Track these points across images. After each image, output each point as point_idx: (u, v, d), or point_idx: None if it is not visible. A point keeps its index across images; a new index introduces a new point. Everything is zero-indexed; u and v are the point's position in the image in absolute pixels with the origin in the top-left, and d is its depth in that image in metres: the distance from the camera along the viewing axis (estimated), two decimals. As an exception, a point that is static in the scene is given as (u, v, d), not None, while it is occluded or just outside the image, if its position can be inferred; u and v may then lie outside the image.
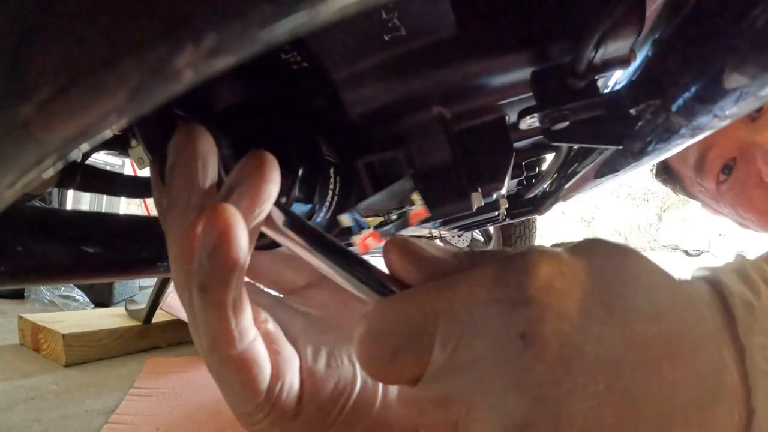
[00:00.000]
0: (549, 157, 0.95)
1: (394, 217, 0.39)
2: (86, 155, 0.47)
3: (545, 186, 1.12)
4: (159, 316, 1.63)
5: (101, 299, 2.26)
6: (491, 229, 2.83)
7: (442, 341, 0.23)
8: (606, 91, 0.49)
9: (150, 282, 2.10)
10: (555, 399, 0.21)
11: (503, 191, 0.51)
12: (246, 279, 0.31)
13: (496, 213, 1.01)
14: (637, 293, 0.24)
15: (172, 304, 1.66)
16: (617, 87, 0.49)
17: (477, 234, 3.01)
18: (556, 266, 0.24)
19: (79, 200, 3.52)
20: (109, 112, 0.12)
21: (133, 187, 0.51)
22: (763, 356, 0.23)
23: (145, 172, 0.34)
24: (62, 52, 0.11)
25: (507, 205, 0.82)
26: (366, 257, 0.27)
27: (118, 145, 0.49)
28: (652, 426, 0.22)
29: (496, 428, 0.22)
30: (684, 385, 0.22)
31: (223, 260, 0.23)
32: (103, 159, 2.83)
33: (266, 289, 0.36)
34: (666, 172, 1.08)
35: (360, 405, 0.32)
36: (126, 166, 3.51)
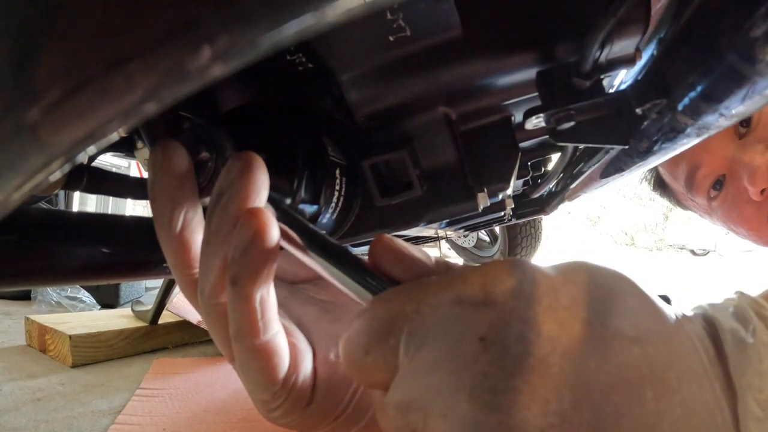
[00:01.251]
0: (555, 157, 0.95)
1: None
2: (92, 157, 0.47)
3: (551, 186, 1.12)
4: (165, 317, 1.63)
5: (108, 300, 2.27)
6: (497, 229, 2.82)
7: (407, 342, 0.23)
8: (611, 90, 0.49)
9: (156, 283, 2.10)
10: (509, 410, 0.20)
11: (509, 191, 0.50)
12: None
13: (502, 213, 1.01)
14: (620, 314, 0.22)
15: (179, 306, 1.67)
16: (623, 86, 0.49)
17: (483, 234, 3.00)
18: (529, 273, 0.23)
19: (85, 202, 3.53)
20: (116, 115, 0.12)
21: (140, 189, 0.52)
22: (755, 399, 0.22)
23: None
24: (69, 55, 0.11)
25: (513, 206, 0.82)
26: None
27: (125, 146, 0.49)
28: None
29: None
30: (668, 417, 0.20)
31: (254, 257, 0.24)
32: (109, 161, 2.84)
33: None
34: (661, 187, 1.10)
35: (370, 393, 0.32)
36: (132, 167, 3.53)
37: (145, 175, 0.30)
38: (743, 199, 0.87)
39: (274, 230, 0.25)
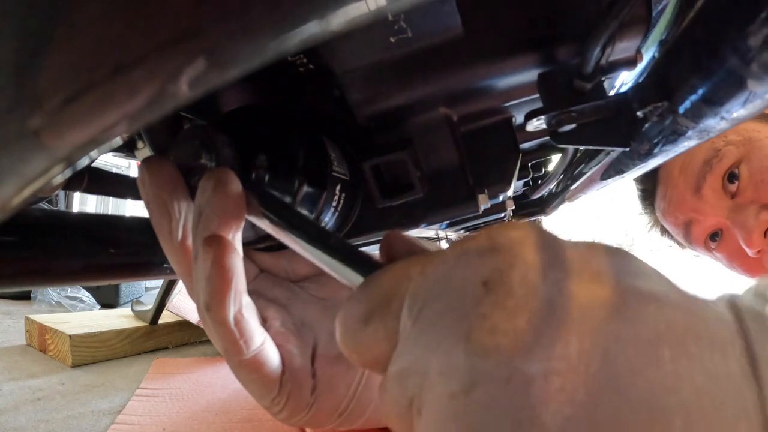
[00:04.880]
0: (555, 158, 0.95)
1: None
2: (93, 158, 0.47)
3: (551, 187, 1.12)
4: (165, 317, 1.63)
5: (108, 300, 2.27)
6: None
7: (410, 304, 0.21)
8: (612, 92, 0.49)
9: (156, 283, 2.10)
10: (509, 354, 0.17)
11: (510, 192, 0.50)
12: (263, 272, 0.36)
13: (503, 214, 1.01)
14: (635, 274, 0.20)
15: (179, 306, 1.66)
16: (624, 88, 0.49)
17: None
18: (537, 227, 0.22)
19: (85, 202, 3.53)
20: (119, 120, 0.12)
21: (140, 190, 0.51)
22: None
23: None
24: (73, 61, 0.11)
25: (513, 206, 0.82)
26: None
27: (125, 147, 0.49)
28: (642, 420, 0.17)
29: (443, 399, 0.18)
30: (689, 383, 0.18)
31: (218, 285, 0.25)
32: (109, 161, 2.84)
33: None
34: (667, 233, 1.12)
35: (373, 387, 0.33)
36: (132, 167, 3.52)
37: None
38: (742, 253, 0.88)
39: (232, 257, 0.25)
